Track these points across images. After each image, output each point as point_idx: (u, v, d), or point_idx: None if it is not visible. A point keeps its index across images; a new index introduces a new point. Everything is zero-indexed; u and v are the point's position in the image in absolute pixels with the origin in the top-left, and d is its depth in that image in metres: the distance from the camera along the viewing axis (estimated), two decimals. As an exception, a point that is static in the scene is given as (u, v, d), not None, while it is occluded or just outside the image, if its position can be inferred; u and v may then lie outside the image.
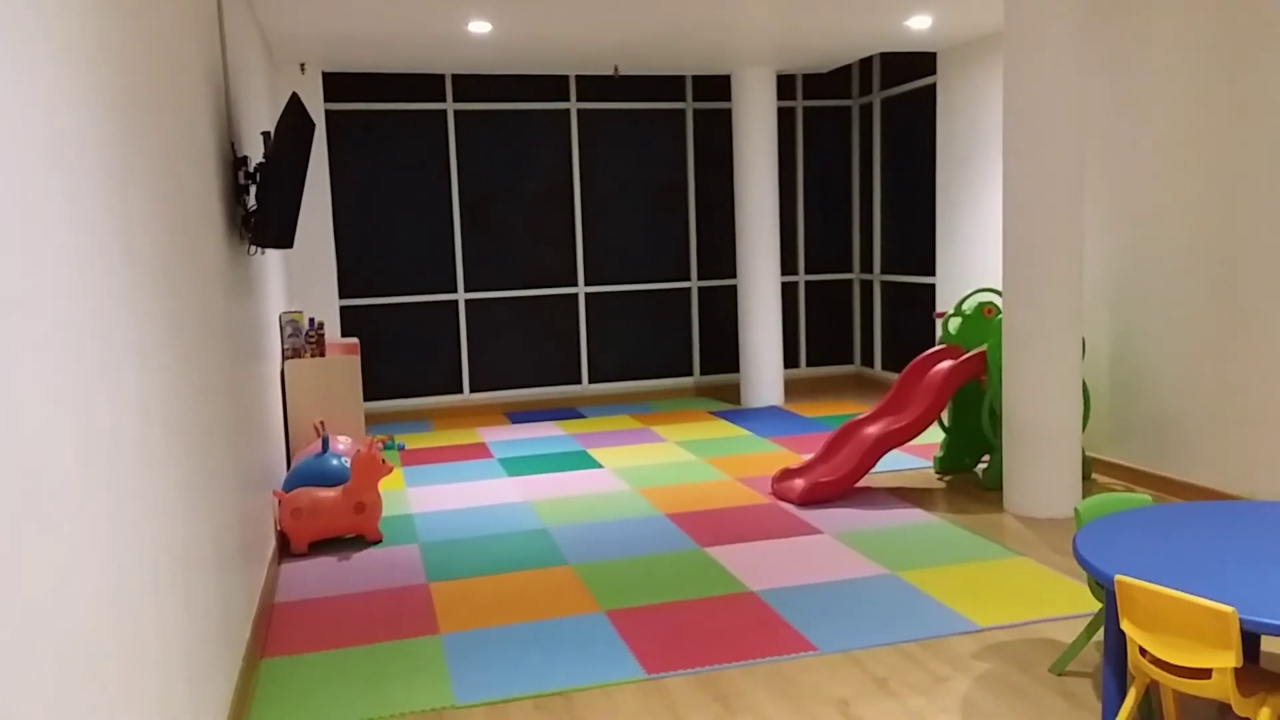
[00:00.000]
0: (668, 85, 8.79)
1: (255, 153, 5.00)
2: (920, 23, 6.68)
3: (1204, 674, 2.44)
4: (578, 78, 8.52)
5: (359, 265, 8.21)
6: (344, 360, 5.93)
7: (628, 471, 6.25)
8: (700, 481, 5.96)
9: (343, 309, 8.19)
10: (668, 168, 8.88)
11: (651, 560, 4.55)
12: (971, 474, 5.91)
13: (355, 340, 6.96)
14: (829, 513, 5.22)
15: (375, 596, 4.23)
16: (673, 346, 9.05)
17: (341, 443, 5.47)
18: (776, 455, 6.58)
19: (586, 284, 8.75)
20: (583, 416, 8.19)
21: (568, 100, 8.52)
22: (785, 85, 9.11)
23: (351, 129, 8.09)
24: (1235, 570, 2.64)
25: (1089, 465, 5.61)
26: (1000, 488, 5.51)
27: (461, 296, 8.46)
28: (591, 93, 8.59)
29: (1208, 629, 2.37)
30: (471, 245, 8.44)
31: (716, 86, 8.91)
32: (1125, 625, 2.58)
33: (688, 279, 9.02)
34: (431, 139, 8.26)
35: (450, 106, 8.25)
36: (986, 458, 5.96)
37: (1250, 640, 3.06)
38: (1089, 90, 5.75)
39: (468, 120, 8.32)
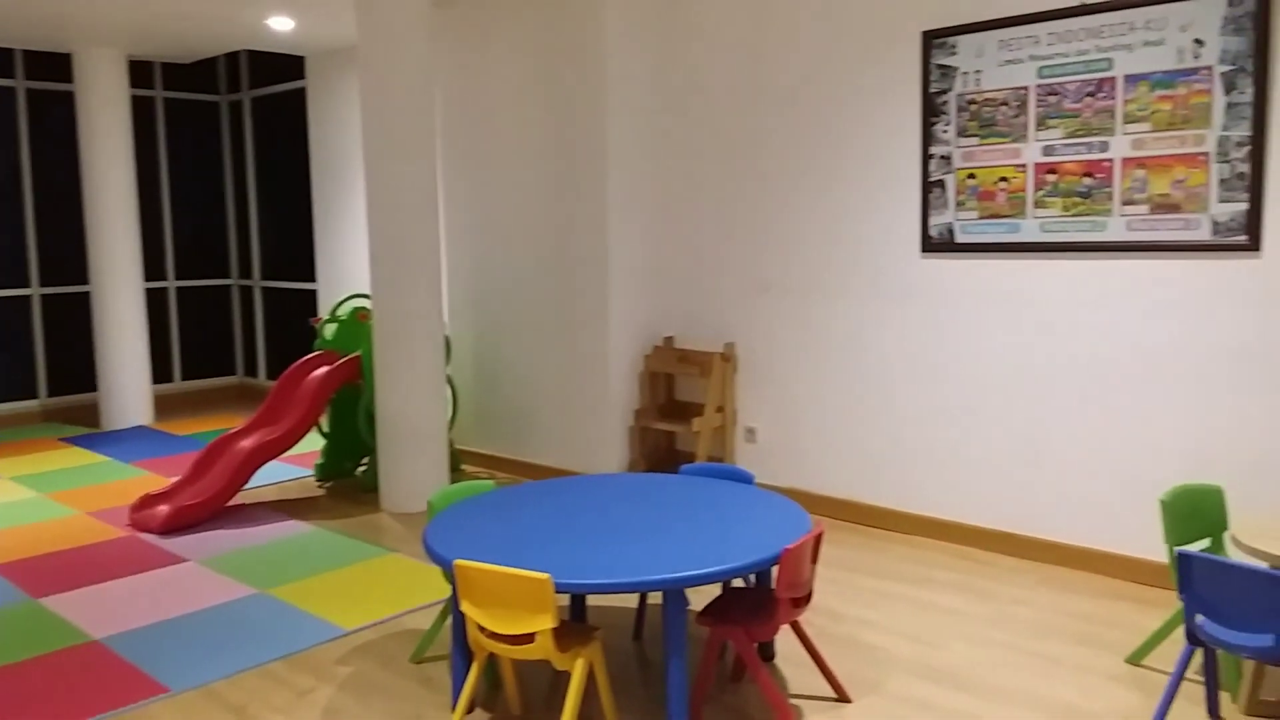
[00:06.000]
0: (-15, 56, 7.41)
1: None
2: (282, 24, 6.52)
3: (530, 639, 2.71)
4: None
5: None
6: None
7: (-61, 520, 5.13)
8: (40, 521, 5.12)
9: None
10: (-8, 154, 7.49)
11: (-37, 625, 3.77)
12: (354, 478, 5.95)
13: None
14: (197, 538, 4.84)
15: None
16: (9, 364, 7.67)
17: None
18: (142, 481, 5.94)
19: (-123, 292, 7.00)
20: (-123, 458, 6.54)
21: None
22: (142, 72, 8.26)
23: None
24: (558, 539, 2.98)
25: (458, 458, 6.00)
26: (378, 488, 5.62)
27: None
28: None
29: (529, 597, 2.63)
30: None
31: (56, 65, 7.74)
32: (464, 606, 2.76)
33: (26, 285, 7.71)
34: None
35: None
36: (366, 460, 6.04)
37: (578, 600, 3.51)
38: (443, 103, 6.14)
39: None
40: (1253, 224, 3.60)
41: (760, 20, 5.03)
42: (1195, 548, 3.41)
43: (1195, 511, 3.14)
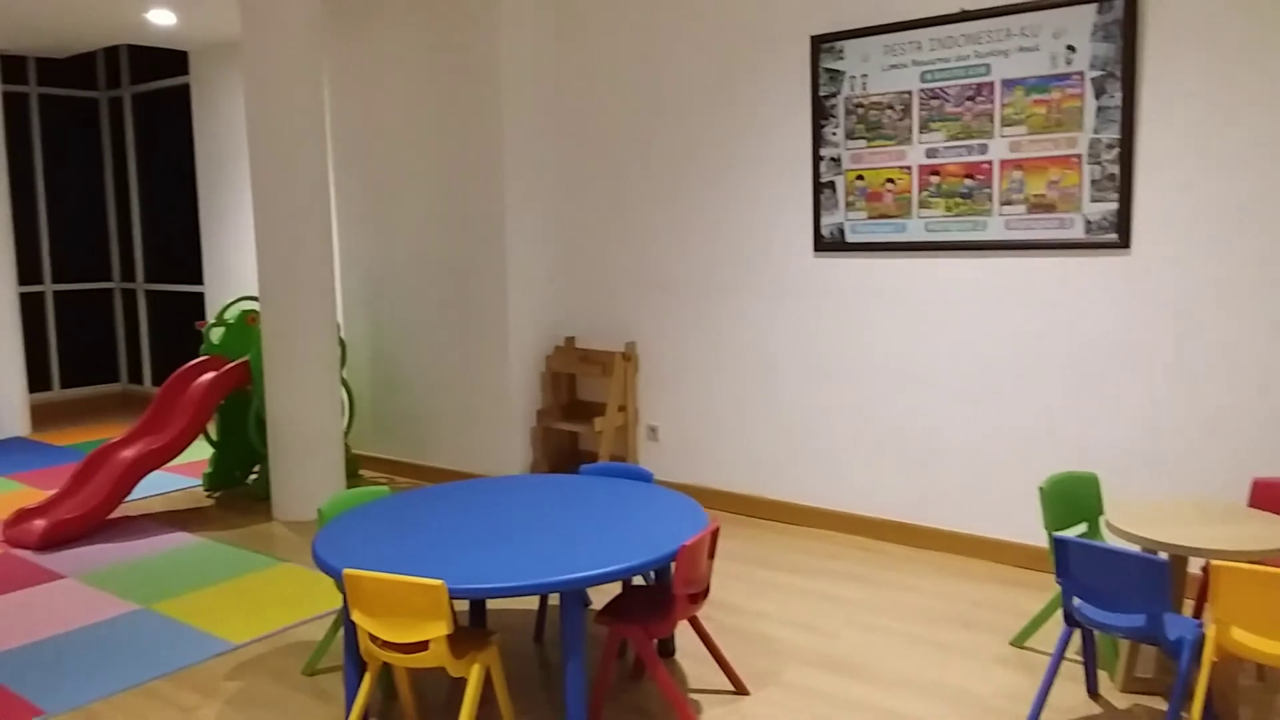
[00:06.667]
0: None
1: None
2: (163, 17, 6.27)
3: (424, 647, 2.66)
4: None
5: None
6: None
7: None
8: (-99, 541, 4.82)
9: None
10: None
11: None
12: (244, 486, 5.76)
13: None
14: (76, 553, 4.62)
15: None
16: None
17: None
18: (17, 495, 5.64)
19: None
20: None
21: None
22: (16, 67, 7.84)
23: None
24: (454, 544, 2.94)
25: (356, 463, 5.86)
26: (270, 497, 5.46)
27: None
28: None
29: (421, 604, 2.58)
30: None
31: (-89, 55, 7.30)
32: (355, 615, 2.70)
33: (-115, 291, 7.24)
34: None
35: None
36: (257, 468, 5.86)
37: (477, 604, 3.47)
38: (334, 99, 5.99)
39: None
40: (1122, 223, 3.78)
41: (655, 23, 5.05)
42: (1072, 533, 3.56)
43: (1072, 498, 3.27)
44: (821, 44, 4.44)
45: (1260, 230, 3.55)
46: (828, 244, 4.55)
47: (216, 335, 5.78)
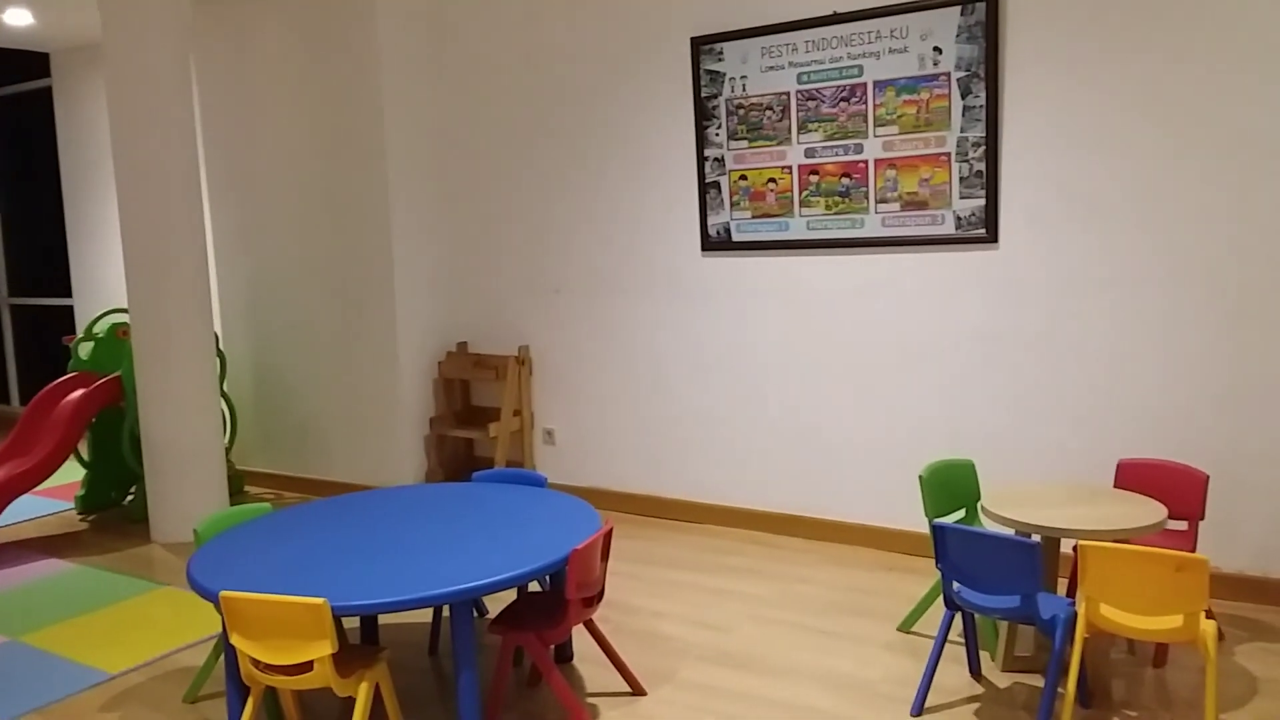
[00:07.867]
0: None
1: None
2: (19, 17, 5.94)
3: (309, 667, 2.59)
4: None
5: None
6: None
7: None
8: None
9: None
10: None
11: None
12: (121, 508, 5.51)
13: None
14: (-66, 587, 4.34)
15: None
16: None
17: None
18: None
19: None
20: None
21: None
22: None
23: None
24: (339, 559, 2.86)
25: (240, 480, 5.67)
26: (148, 518, 5.23)
27: None
28: None
29: (304, 624, 2.51)
30: None
31: None
32: (235, 639, 2.60)
33: None
34: None
35: None
36: (134, 488, 5.61)
37: (368, 620, 3.39)
38: (206, 103, 5.78)
39: None
40: (990, 218, 3.93)
41: (536, 25, 5.02)
42: (952, 518, 3.68)
43: (950, 484, 3.39)
44: (701, 45, 4.48)
45: (1119, 224, 3.73)
46: (715, 243, 4.60)
47: (85, 350, 5.52)
